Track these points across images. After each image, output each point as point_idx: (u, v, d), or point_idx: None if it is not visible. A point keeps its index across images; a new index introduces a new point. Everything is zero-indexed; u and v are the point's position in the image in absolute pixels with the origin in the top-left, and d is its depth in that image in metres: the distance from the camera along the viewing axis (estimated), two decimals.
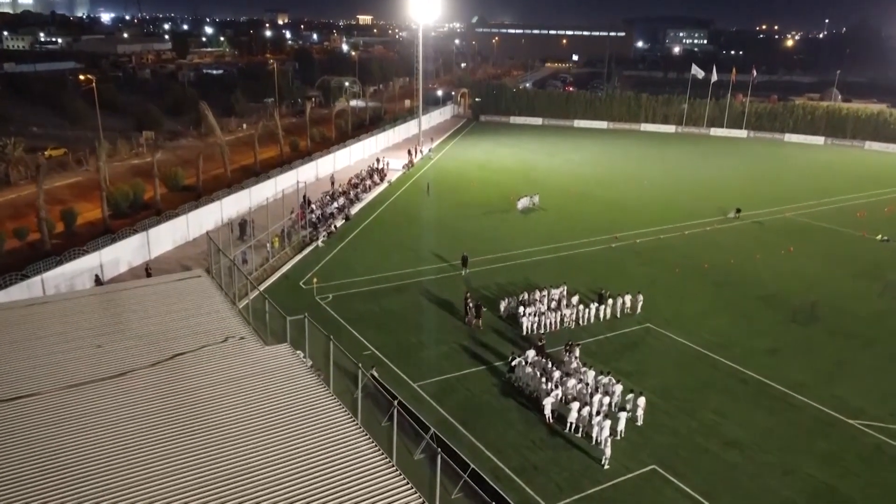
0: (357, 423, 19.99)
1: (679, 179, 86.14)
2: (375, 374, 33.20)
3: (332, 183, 76.55)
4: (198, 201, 57.44)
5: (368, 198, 70.94)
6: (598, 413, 30.16)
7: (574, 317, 41.79)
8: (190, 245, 54.27)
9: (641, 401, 31.39)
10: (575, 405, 30.51)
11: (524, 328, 40.43)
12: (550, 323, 41.10)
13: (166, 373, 21.77)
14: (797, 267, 54.02)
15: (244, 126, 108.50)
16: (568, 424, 30.63)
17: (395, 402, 22.98)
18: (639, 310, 43.62)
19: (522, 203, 68.79)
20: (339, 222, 61.46)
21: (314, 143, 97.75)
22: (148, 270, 45.64)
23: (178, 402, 19.84)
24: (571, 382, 32.69)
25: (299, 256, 52.71)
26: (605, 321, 42.68)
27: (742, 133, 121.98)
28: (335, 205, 63.95)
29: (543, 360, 34.63)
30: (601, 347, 39.26)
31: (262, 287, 46.44)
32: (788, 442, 30.66)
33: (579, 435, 30.36)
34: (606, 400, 31.34)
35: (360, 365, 24.08)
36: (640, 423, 31.37)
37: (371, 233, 59.66)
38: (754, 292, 48.39)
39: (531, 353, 35.20)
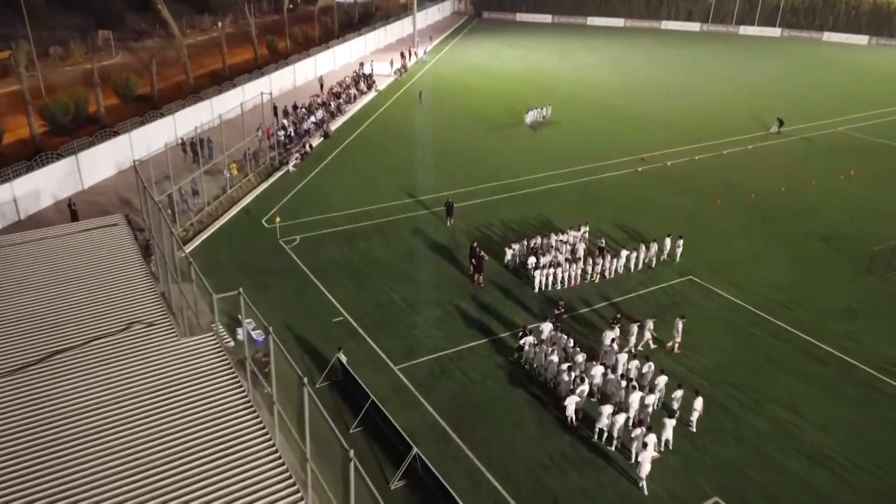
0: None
1: (709, 86, 75.66)
2: (343, 359, 25.26)
3: (321, 86, 66.57)
4: (143, 117, 47.95)
5: (353, 110, 61.18)
6: (638, 423, 22.39)
7: (600, 268, 33.46)
8: (141, 169, 45.15)
9: (698, 403, 23.59)
10: (606, 409, 22.70)
11: (537, 284, 32.22)
12: (569, 276, 32.84)
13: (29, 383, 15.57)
14: (863, 196, 45.17)
15: (219, 24, 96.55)
16: (596, 431, 22.98)
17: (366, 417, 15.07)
18: (678, 257, 35.24)
19: (531, 117, 59.14)
20: (316, 141, 52.17)
21: (296, 43, 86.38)
22: (72, 207, 37.03)
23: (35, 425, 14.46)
24: (597, 371, 24.77)
25: (265, 185, 43.86)
26: (638, 271, 34.42)
27: (775, 31, 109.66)
28: (312, 119, 54.41)
29: (563, 336, 26.58)
30: (633, 310, 31.17)
31: (216, 225, 38.04)
32: (892, 452, 23.06)
33: (613, 447, 22.74)
34: (650, 400, 23.51)
35: (302, 379, 16.00)
36: (693, 428, 23.72)
37: (352, 154, 50.47)
38: (814, 230, 39.83)
39: (547, 328, 27.13)
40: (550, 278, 32.35)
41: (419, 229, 38.06)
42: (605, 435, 22.89)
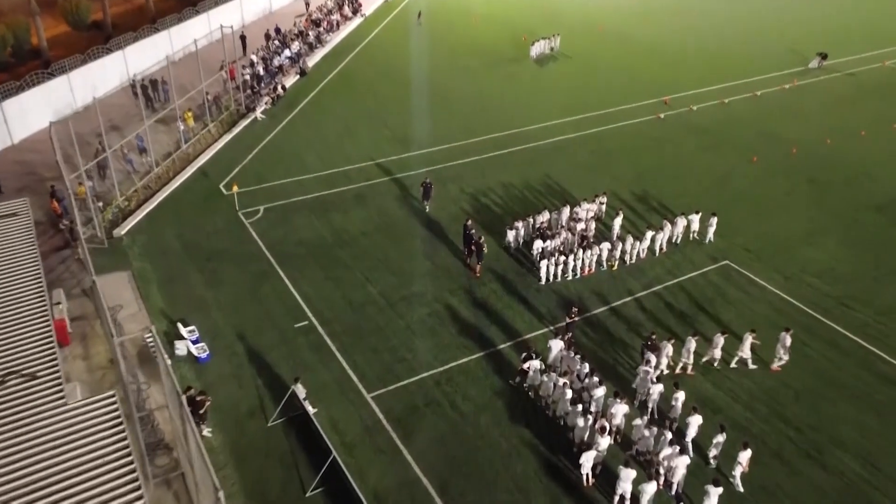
0: None
1: (738, 11, 67.47)
2: (300, 394, 20.07)
3: (307, 4, 58.84)
4: (84, 53, 41.03)
5: (334, 41, 53.82)
6: (677, 489, 17.46)
7: (618, 253, 27.88)
8: (80, 119, 38.55)
9: (745, 456, 18.60)
10: (629, 475, 17.64)
11: (543, 275, 26.72)
12: (583, 264, 27.30)
13: None
14: None
15: None
16: (616, 498, 18.02)
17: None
18: (710, 236, 29.57)
19: (537, 49, 52.00)
20: (291, 80, 45.41)
21: None
22: None
23: None
24: (619, 410, 19.64)
25: (227, 137, 37.57)
26: (663, 254, 28.85)
27: None
28: (286, 54, 47.40)
29: (577, 358, 21.30)
30: (655, 308, 25.82)
31: (166, 191, 32.15)
32: None
33: None
34: (683, 463, 18.41)
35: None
36: (740, 487, 18.84)
37: (332, 98, 43.81)
38: (868, 197, 33.95)
39: (556, 347, 21.83)
40: (560, 267, 26.80)
41: (405, 196, 32.22)
42: (627, 502, 17.99)
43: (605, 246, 27.45)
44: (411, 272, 27.18)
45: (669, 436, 18.67)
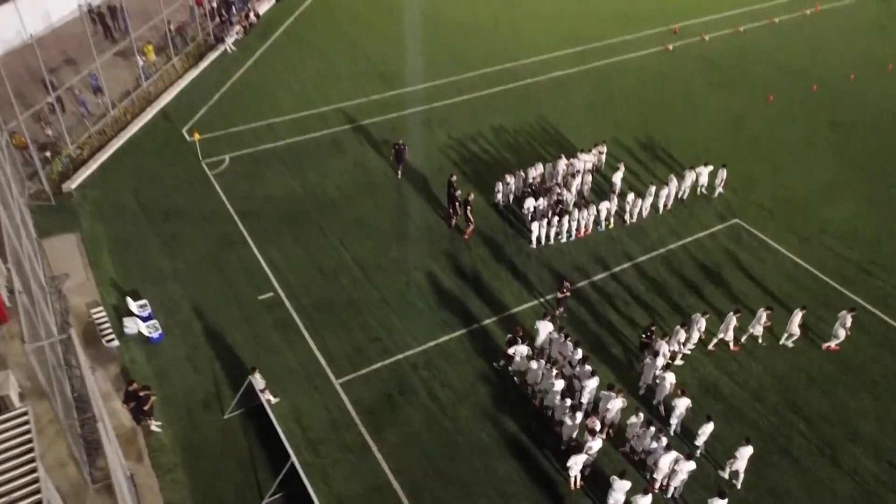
0: None
1: None
2: (258, 385, 17.99)
3: None
4: None
5: None
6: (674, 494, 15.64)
7: (614, 208, 25.27)
8: (33, 52, 35.03)
9: (745, 452, 16.76)
10: (622, 486, 15.78)
11: (534, 238, 24.25)
12: (578, 225, 24.79)
13: None
14: None
15: None
16: None
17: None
18: (719, 189, 26.90)
19: None
20: (265, 6, 41.41)
21: None
22: None
23: None
24: (614, 406, 17.63)
25: (193, 73, 34.15)
26: (667, 212, 26.29)
27: None
28: None
29: (568, 343, 19.12)
30: (655, 274, 23.50)
31: (123, 137, 29.21)
32: None
33: None
34: (688, 469, 16.51)
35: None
36: (731, 478, 17.12)
37: (310, 26, 39.92)
38: None
39: (544, 330, 19.61)
40: (553, 229, 24.30)
41: (386, 143, 29.28)
42: None
43: (605, 205, 24.84)
44: (390, 234, 24.72)
45: (665, 440, 16.71)
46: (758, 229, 25.46)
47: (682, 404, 17.86)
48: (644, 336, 19.75)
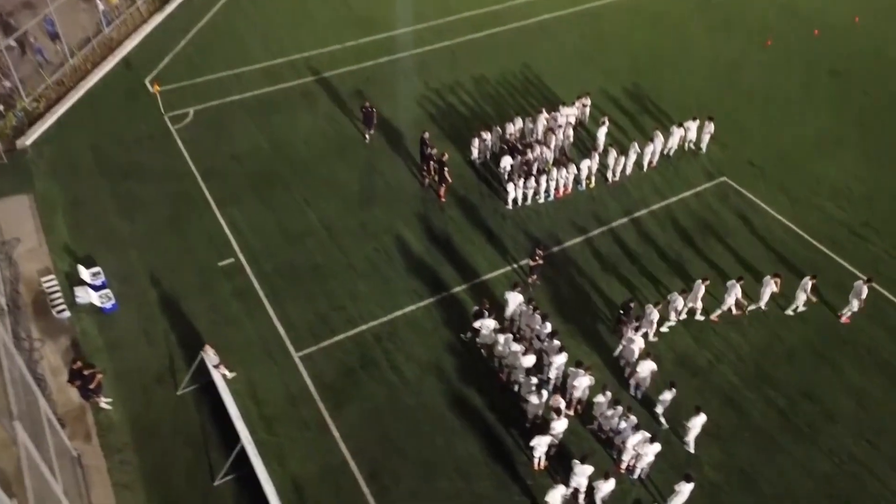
0: None
1: None
2: (210, 362, 17.19)
3: None
4: None
5: None
6: (640, 475, 15.02)
7: (596, 166, 24.01)
8: None
9: (697, 422, 16.31)
10: (584, 470, 15.14)
11: (510, 199, 23.08)
12: (557, 185, 23.56)
13: None
14: None
15: None
16: (570, 489, 15.62)
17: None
18: (705, 143, 25.52)
19: None
20: None
21: None
22: None
23: None
24: (581, 383, 16.86)
25: (158, 18, 32.18)
26: (652, 169, 25.01)
27: None
28: None
29: (537, 315, 18.20)
30: (636, 238, 22.43)
31: (82, 89, 27.72)
32: None
33: None
34: (653, 451, 15.82)
35: None
36: (691, 449, 16.61)
37: None
38: None
39: (513, 301, 18.67)
40: (531, 191, 23.11)
41: (360, 95, 27.75)
42: (582, 496, 15.63)
43: (585, 163, 23.55)
44: (360, 195, 23.54)
45: (634, 419, 15.99)
46: (746, 188, 24.23)
47: (646, 368, 17.07)
48: (621, 313, 18.78)
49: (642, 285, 20.77)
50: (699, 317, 19.64)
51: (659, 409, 17.13)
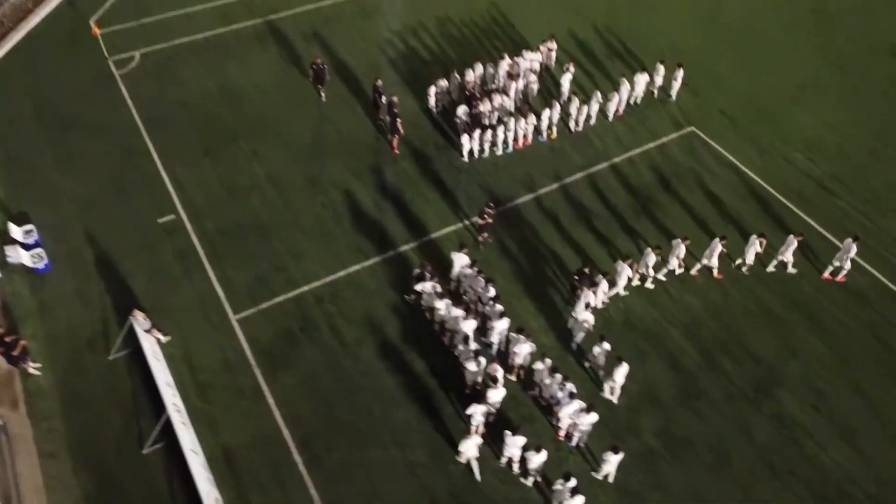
0: None
1: None
2: (139, 328, 16.66)
3: None
4: None
5: None
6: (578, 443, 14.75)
7: (556, 117, 22.92)
8: None
9: (620, 373, 16.09)
10: (516, 441, 14.82)
11: (466, 151, 22.12)
12: (515, 134, 22.54)
13: None
14: None
15: None
16: (504, 459, 15.36)
17: None
18: (675, 91, 24.34)
19: None
20: None
21: None
22: None
23: None
24: (522, 350, 16.37)
25: None
26: (617, 118, 23.92)
27: None
28: None
29: (480, 279, 17.59)
30: (596, 192, 21.61)
31: (22, 31, 26.27)
32: None
33: (529, 482, 15.39)
34: (590, 421, 15.45)
35: None
36: (615, 399, 16.43)
37: None
38: (886, 36, 27.90)
39: (459, 262, 18.01)
40: (487, 143, 22.13)
41: (316, 38, 26.37)
42: (516, 465, 15.39)
43: (546, 114, 22.47)
44: (311, 147, 22.55)
45: (571, 387, 15.58)
46: (715, 139, 23.23)
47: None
48: (575, 279, 18.11)
49: (599, 243, 20.07)
50: (660, 275, 19.03)
51: (600, 363, 16.70)
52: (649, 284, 18.86)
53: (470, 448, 14.69)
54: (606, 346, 16.55)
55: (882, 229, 20.59)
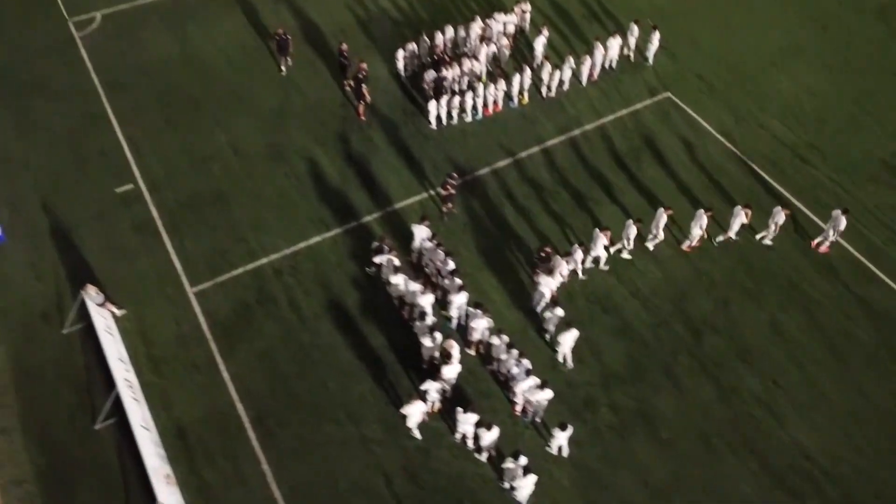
0: None
1: None
2: (92, 302, 16.41)
3: None
4: None
5: None
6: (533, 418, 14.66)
7: (528, 82, 22.29)
8: None
9: (568, 337, 16.06)
10: (468, 418, 14.70)
11: (433, 117, 21.56)
12: (485, 102, 21.95)
13: None
14: None
15: None
16: (458, 435, 15.26)
17: None
18: (652, 55, 23.64)
19: None
20: None
21: None
22: None
23: None
24: (480, 325, 16.15)
25: None
26: (591, 82, 23.29)
27: None
28: None
29: (440, 252, 17.27)
30: (566, 160, 21.14)
31: None
32: None
33: (483, 457, 15.31)
34: (543, 397, 15.28)
35: None
36: (570, 364, 16.32)
37: None
38: None
39: (419, 234, 17.66)
40: (455, 110, 21.55)
41: None
42: (470, 441, 15.31)
43: (517, 79, 21.84)
44: (275, 113, 21.99)
45: (527, 363, 15.42)
46: (690, 106, 22.66)
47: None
48: (538, 257, 17.76)
49: (568, 214, 19.68)
50: (649, 244, 18.71)
51: (550, 329, 16.55)
52: (626, 255, 18.54)
53: (414, 413, 14.64)
54: (559, 311, 16.36)
55: (857, 200, 20.17)
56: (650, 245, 18.67)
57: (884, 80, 23.81)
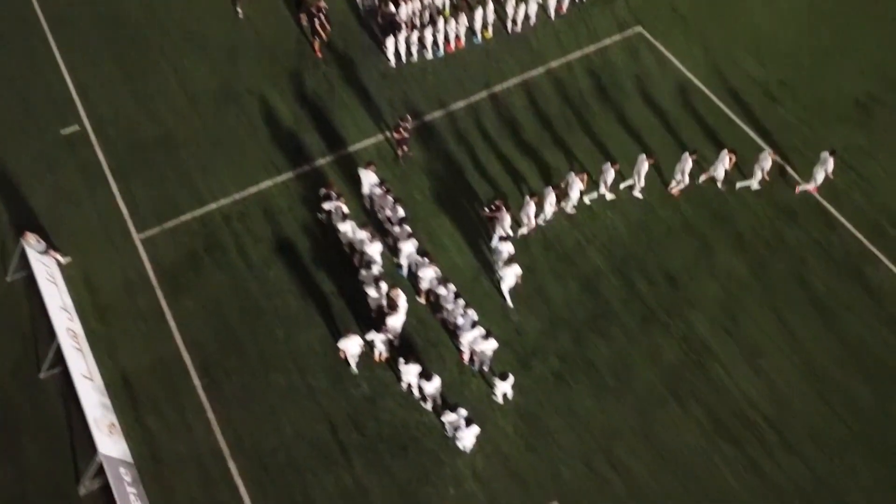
0: None
1: None
2: (32, 252, 16.13)
3: None
4: None
5: None
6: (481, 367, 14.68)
7: (492, 16, 21.30)
8: None
9: (510, 273, 16.08)
10: (411, 369, 14.68)
11: (391, 53, 20.70)
12: (446, 37, 21.03)
13: None
14: None
15: None
16: (404, 385, 15.29)
17: None
18: None
19: None
20: None
21: None
22: None
23: None
24: (426, 274, 15.93)
25: None
26: (560, 18, 22.28)
27: None
28: None
29: (389, 198, 16.86)
30: (528, 100, 20.44)
31: None
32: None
33: (429, 407, 15.38)
34: (488, 348, 15.20)
35: None
36: (510, 304, 16.41)
37: None
38: None
39: (367, 180, 17.20)
40: (415, 46, 20.67)
41: None
42: (416, 390, 15.33)
43: (479, 13, 20.87)
44: (229, 50, 21.14)
45: (473, 314, 15.28)
46: (661, 41, 21.73)
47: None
48: (489, 209, 17.33)
49: (528, 157, 19.13)
50: (637, 194, 18.28)
51: (499, 263, 16.39)
52: (609, 195, 18.15)
53: (350, 346, 14.70)
54: (509, 246, 16.10)
55: (822, 140, 19.47)
56: (638, 194, 18.17)
57: (862, 9, 22.74)
